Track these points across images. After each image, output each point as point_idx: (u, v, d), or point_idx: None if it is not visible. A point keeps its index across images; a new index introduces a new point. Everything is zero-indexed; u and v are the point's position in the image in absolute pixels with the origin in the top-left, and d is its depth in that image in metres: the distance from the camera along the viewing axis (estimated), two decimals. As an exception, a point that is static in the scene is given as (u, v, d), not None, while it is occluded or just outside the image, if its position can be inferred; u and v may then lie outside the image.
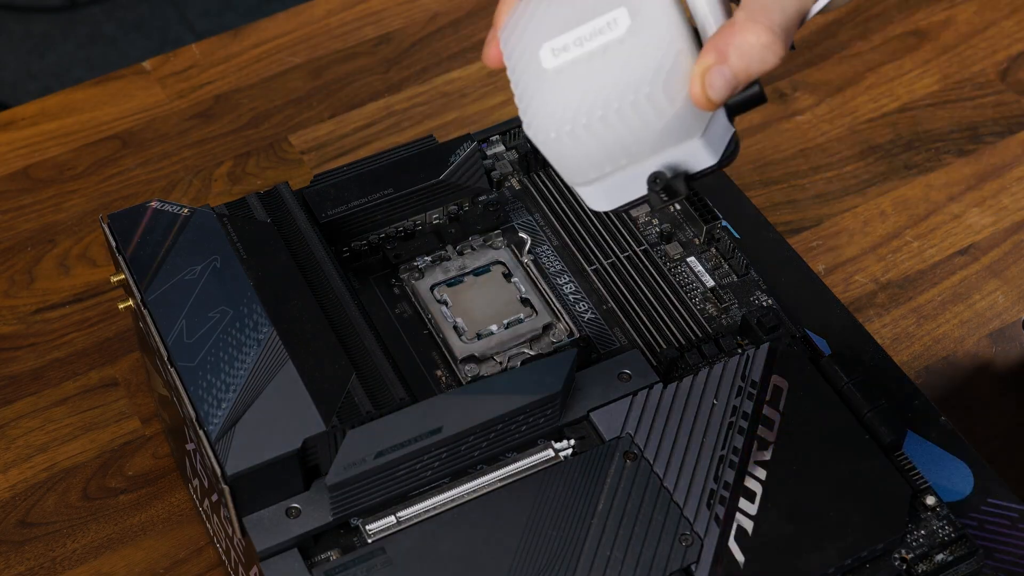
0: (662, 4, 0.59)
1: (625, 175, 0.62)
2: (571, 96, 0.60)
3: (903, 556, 0.69)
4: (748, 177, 1.03)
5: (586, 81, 0.59)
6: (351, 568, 0.67)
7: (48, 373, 0.91)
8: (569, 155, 0.61)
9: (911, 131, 1.07)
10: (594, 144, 0.60)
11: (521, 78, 0.61)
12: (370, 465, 0.67)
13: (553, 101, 0.60)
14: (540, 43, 0.60)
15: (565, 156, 0.61)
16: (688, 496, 0.69)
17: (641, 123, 0.59)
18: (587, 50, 0.59)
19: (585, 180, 0.62)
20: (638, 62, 0.58)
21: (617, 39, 0.59)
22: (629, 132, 0.60)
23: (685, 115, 0.59)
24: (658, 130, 0.60)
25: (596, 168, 0.61)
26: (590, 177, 0.62)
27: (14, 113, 1.07)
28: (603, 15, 0.59)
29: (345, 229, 0.80)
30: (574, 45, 0.59)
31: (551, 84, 0.60)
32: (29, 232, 1.00)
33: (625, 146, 0.60)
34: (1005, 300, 0.97)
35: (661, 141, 0.60)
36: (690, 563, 0.67)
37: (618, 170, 0.62)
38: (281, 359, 0.70)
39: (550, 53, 0.59)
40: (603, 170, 0.61)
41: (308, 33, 1.13)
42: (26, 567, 0.82)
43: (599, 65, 0.59)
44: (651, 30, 0.58)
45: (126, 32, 2.19)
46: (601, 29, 0.59)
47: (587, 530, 0.68)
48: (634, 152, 0.61)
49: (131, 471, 0.86)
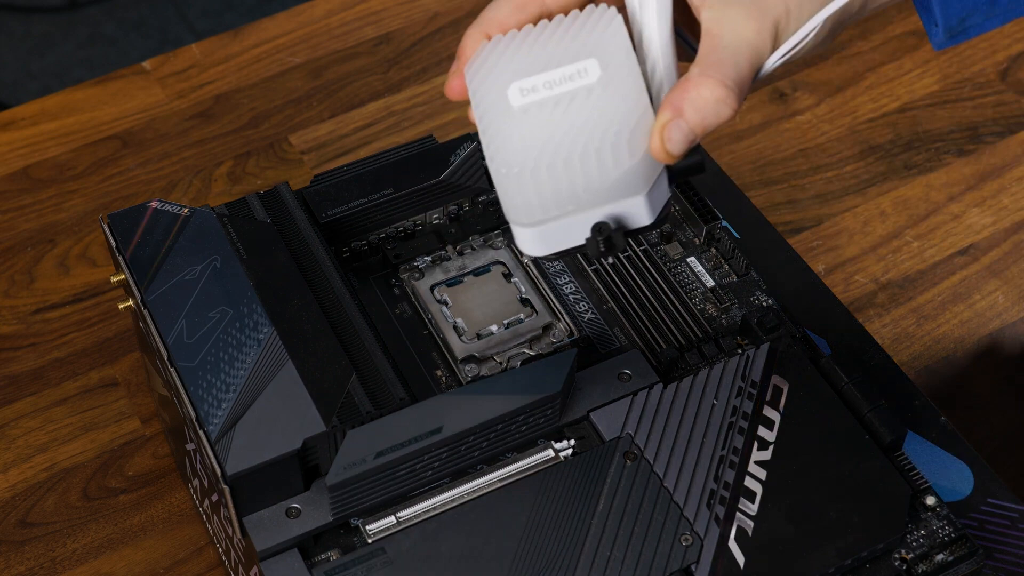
0: (629, 61, 0.62)
1: (565, 223, 0.63)
2: (536, 135, 0.62)
3: (903, 556, 0.69)
4: (748, 177, 1.03)
5: (552, 123, 0.61)
6: (351, 568, 0.67)
7: (48, 373, 0.91)
8: (524, 192, 0.62)
9: (911, 131, 1.07)
10: (550, 185, 0.62)
11: (487, 113, 0.62)
12: (370, 465, 0.67)
13: (518, 138, 0.61)
14: (509, 81, 0.62)
15: (519, 193, 0.63)
16: (688, 496, 0.69)
17: (598, 171, 0.61)
18: (556, 93, 0.61)
19: (529, 221, 0.64)
20: (606, 112, 0.61)
21: (586, 88, 0.61)
22: (585, 178, 0.62)
23: (638, 170, 0.62)
24: (612, 180, 0.62)
25: (544, 210, 0.63)
26: (535, 218, 0.63)
27: (14, 113, 1.07)
28: (573, 64, 0.62)
29: (345, 229, 0.80)
30: (543, 87, 0.61)
31: (517, 122, 0.62)
32: (29, 232, 1.00)
33: (577, 192, 0.62)
34: (1005, 300, 0.97)
35: (611, 193, 0.62)
36: (690, 563, 0.67)
37: (562, 216, 0.63)
38: (281, 359, 0.70)
39: (519, 92, 0.62)
40: (549, 213, 0.63)
41: (308, 33, 1.13)
42: (26, 567, 0.82)
43: (567, 110, 0.61)
44: (620, 84, 0.61)
45: (126, 32, 2.19)
46: (571, 76, 0.61)
47: (587, 530, 0.68)
48: (583, 200, 0.62)
49: (131, 471, 0.86)
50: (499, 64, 0.63)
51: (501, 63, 0.63)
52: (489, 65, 0.63)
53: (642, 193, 0.62)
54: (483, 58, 0.63)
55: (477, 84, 0.63)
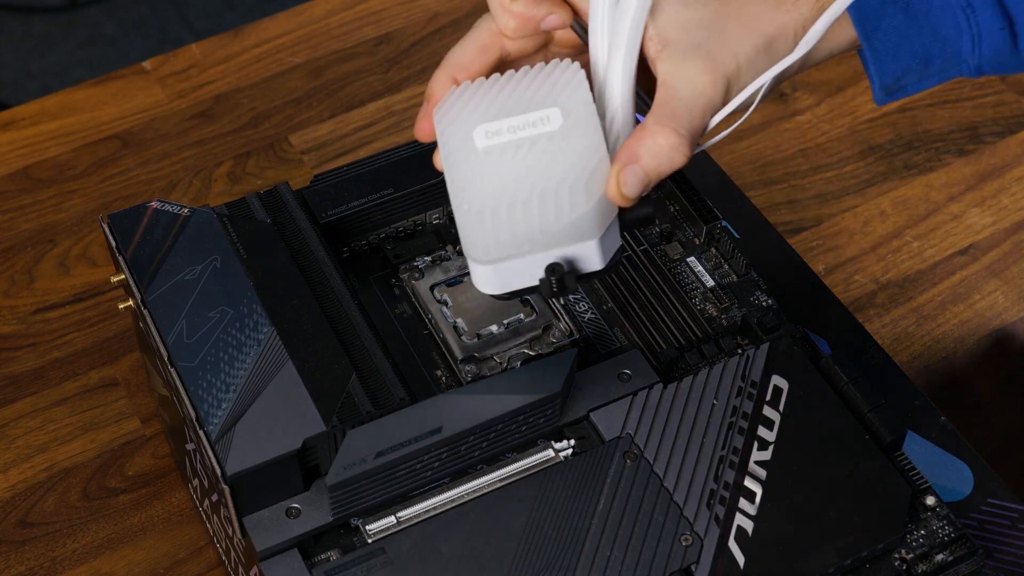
0: (589, 112, 0.65)
1: (521, 263, 0.66)
2: (498, 176, 0.65)
3: (903, 556, 0.69)
4: (748, 177, 1.03)
5: (514, 166, 0.64)
6: (351, 568, 0.67)
7: (48, 373, 0.91)
8: (483, 230, 0.65)
9: (911, 131, 1.07)
10: (508, 225, 0.64)
11: (453, 152, 0.66)
12: (370, 465, 0.67)
13: (481, 178, 0.64)
14: (475, 124, 0.65)
15: (479, 231, 0.65)
16: (688, 496, 0.69)
17: (555, 214, 0.64)
18: (518, 138, 0.65)
19: (486, 258, 0.66)
20: (565, 159, 0.64)
21: (548, 134, 0.65)
22: (541, 220, 0.64)
23: (592, 215, 0.65)
24: (567, 224, 0.65)
25: (501, 249, 0.65)
26: (492, 256, 0.66)
27: (14, 113, 1.07)
28: (537, 111, 0.65)
29: (345, 229, 0.80)
30: (507, 131, 0.65)
31: (481, 162, 0.65)
32: (29, 232, 1.00)
33: (533, 234, 0.65)
34: (1005, 300, 0.97)
35: (565, 236, 0.65)
36: (690, 563, 0.67)
37: (518, 256, 0.66)
38: (281, 359, 0.70)
39: (484, 135, 0.65)
40: (506, 252, 0.65)
41: (308, 33, 1.13)
42: (26, 567, 0.82)
43: (528, 154, 0.64)
44: (580, 133, 0.65)
45: (126, 32, 2.19)
46: (534, 123, 0.65)
47: (587, 530, 0.68)
48: (539, 241, 0.65)
49: (131, 471, 0.86)
50: (466, 108, 0.66)
51: (468, 107, 0.66)
52: (457, 109, 0.66)
53: (595, 238, 0.65)
54: (451, 102, 0.67)
55: (445, 126, 0.66)
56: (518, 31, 0.69)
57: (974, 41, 0.73)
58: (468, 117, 0.66)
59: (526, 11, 0.69)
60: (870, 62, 0.72)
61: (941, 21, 0.72)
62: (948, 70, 0.74)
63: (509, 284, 0.68)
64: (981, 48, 0.73)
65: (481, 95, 0.67)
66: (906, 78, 0.74)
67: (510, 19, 0.69)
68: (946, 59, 0.74)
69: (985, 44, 0.73)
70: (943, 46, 0.73)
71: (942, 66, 0.74)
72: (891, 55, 0.73)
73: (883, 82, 0.73)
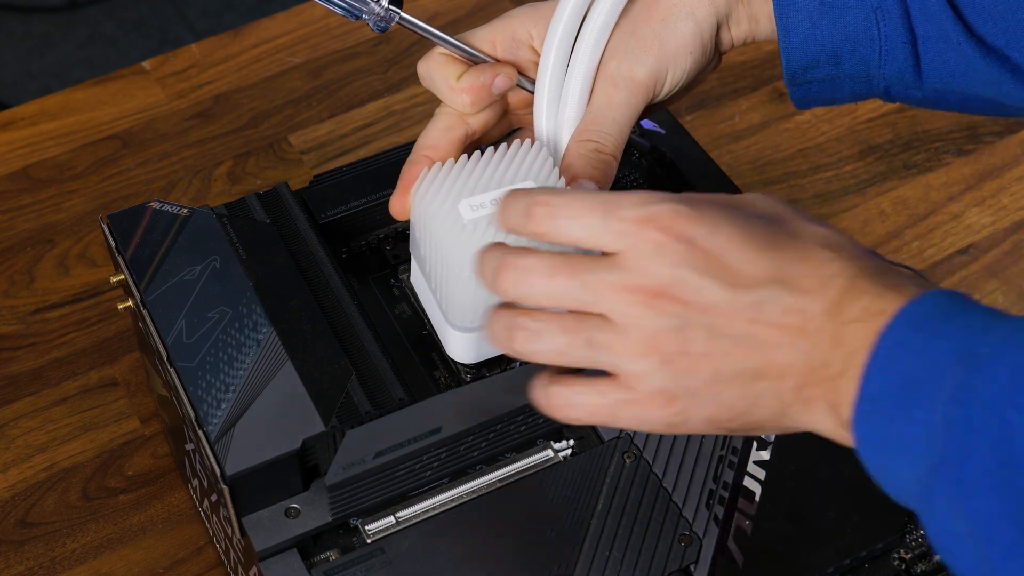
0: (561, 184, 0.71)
1: None
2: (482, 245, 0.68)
3: (902, 556, 0.69)
4: (748, 177, 1.03)
5: (500, 235, 0.67)
6: (350, 568, 0.67)
7: (48, 373, 0.91)
8: (465, 298, 0.70)
9: (911, 131, 1.07)
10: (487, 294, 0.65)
11: (438, 227, 0.69)
12: (369, 465, 0.67)
13: (467, 248, 0.67)
14: (456, 200, 0.70)
15: (461, 297, 0.70)
16: (688, 496, 0.69)
17: None
18: None
19: (464, 326, 0.71)
20: None
21: None
22: None
23: None
24: None
25: (478, 318, 0.68)
26: (467, 324, 0.71)
27: (14, 113, 1.07)
28: (514, 185, 0.70)
29: (345, 229, 0.80)
30: (490, 204, 0.69)
31: (468, 234, 0.68)
32: (29, 232, 1.00)
33: None
34: (1005, 300, 0.97)
35: None
36: (690, 563, 0.67)
37: None
38: (280, 359, 0.70)
39: (469, 208, 0.69)
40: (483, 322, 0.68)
41: (308, 33, 1.13)
42: (26, 567, 0.82)
43: None
44: None
45: (126, 32, 2.19)
46: None
47: (586, 530, 0.68)
48: None
49: (131, 471, 0.86)
50: (443, 186, 0.70)
51: (445, 186, 0.70)
52: (435, 188, 0.70)
53: None
54: (427, 182, 0.71)
55: (426, 204, 0.70)
56: (475, 105, 0.74)
57: (881, 53, 0.73)
58: (448, 194, 0.70)
59: (473, 82, 0.73)
60: (780, 39, 0.73)
61: (854, 21, 0.72)
62: (859, 83, 0.74)
63: (483, 353, 0.73)
64: (886, 64, 0.73)
65: (455, 174, 0.71)
66: (814, 72, 0.74)
67: (462, 95, 0.73)
68: (855, 65, 0.73)
69: (889, 60, 0.73)
70: (853, 49, 0.73)
71: (852, 72, 0.74)
72: (801, 42, 0.73)
73: (790, 67, 0.74)
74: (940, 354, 0.53)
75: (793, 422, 0.59)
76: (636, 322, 0.57)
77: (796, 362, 0.57)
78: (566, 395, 0.59)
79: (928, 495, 0.53)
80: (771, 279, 0.57)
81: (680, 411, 0.58)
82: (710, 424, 0.59)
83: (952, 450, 0.52)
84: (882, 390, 0.54)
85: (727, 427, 0.59)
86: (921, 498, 0.54)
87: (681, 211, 0.57)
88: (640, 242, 0.57)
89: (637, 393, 0.58)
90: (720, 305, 0.57)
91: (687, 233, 0.57)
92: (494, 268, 0.59)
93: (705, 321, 0.57)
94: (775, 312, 0.56)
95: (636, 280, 0.57)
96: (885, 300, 0.55)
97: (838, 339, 0.56)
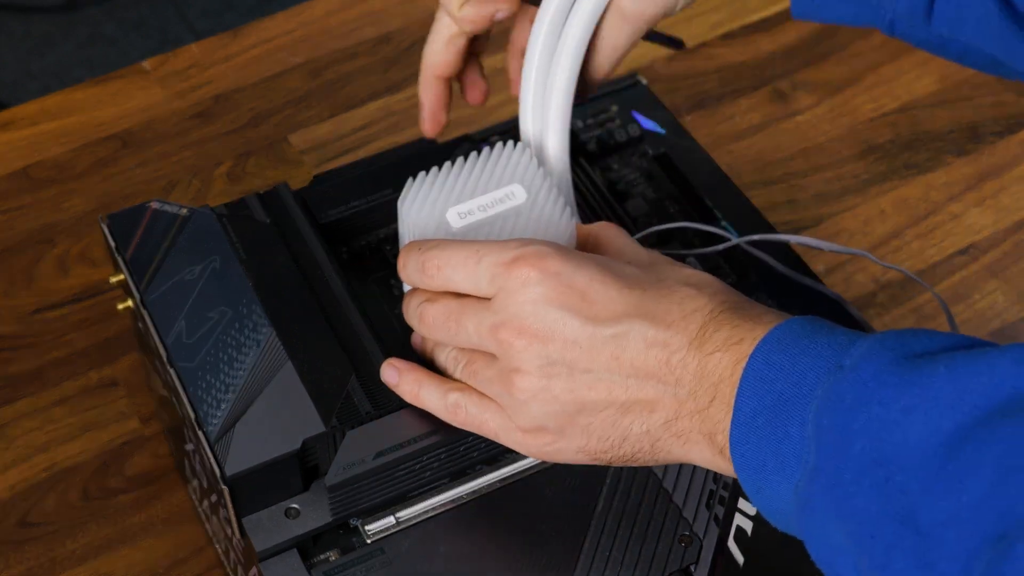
0: (547, 183, 0.71)
1: None
2: None
3: (903, 556, 0.69)
4: (748, 177, 1.03)
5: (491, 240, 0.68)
6: (350, 569, 0.67)
7: (48, 373, 0.91)
8: None
9: (911, 131, 1.07)
10: None
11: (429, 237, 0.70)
12: (369, 465, 0.67)
13: None
14: (447, 207, 0.70)
15: None
16: (688, 496, 0.69)
17: None
18: (490, 215, 0.70)
19: None
20: (537, 226, 0.70)
21: (515, 208, 0.70)
22: None
23: None
24: None
25: None
26: None
27: (14, 113, 1.07)
28: (501, 189, 0.71)
29: (345, 230, 0.80)
30: (478, 210, 0.70)
31: None
32: (29, 232, 1.00)
33: None
34: (1005, 300, 0.97)
35: None
36: (690, 563, 0.67)
37: None
38: (280, 360, 0.70)
39: (457, 216, 0.70)
40: None
41: (308, 33, 1.13)
42: (26, 567, 0.82)
43: (502, 228, 0.70)
44: (543, 201, 0.71)
45: (126, 32, 2.19)
46: (501, 199, 0.71)
47: (586, 530, 0.68)
48: None
49: (131, 471, 0.86)
50: (430, 196, 0.71)
51: (432, 195, 0.71)
52: (421, 198, 0.71)
53: None
54: (413, 194, 0.72)
55: (415, 214, 0.71)
56: (476, 30, 0.76)
57: None
58: (435, 204, 0.71)
59: (475, 14, 0.74)
60: None
61: None
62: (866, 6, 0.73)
63: None
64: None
65: (441, 182, 0.72)
66: None
67: (462, 24, 0.75)
68: None
69: None
70: None
71: None
72: None
73: None
74: (808, 371, 0.55)
75: (668, 455, 0.61)
76: (506, 360, 0.62)
77: (663, 396, 0.59)
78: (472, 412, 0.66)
79: (807, 504, 0.54)
80: (634, 314, 0.59)
81: (551, 442, 0.63)
82: (584, 454, 0.63)
83: (827, 455, 0.53)
84: (755, 411, 0.56)
85: (601, 458, 0.63)
86: (801, 511, 0.55)
87: (548, 251, 0.61)
88: (509, 281, 0.61)
89: (512, 424, 0.63)
90: (582, 340, 0.60)
91: (552, 269, 0.60)
92: (417, 317, 0.67)
93: (569, 356, 0.60)
94: (638, 345, 0.59)
95: (503, 319, 0.61)
96: (744, 329, 0.58)
97: (703, 370, 0.58)
